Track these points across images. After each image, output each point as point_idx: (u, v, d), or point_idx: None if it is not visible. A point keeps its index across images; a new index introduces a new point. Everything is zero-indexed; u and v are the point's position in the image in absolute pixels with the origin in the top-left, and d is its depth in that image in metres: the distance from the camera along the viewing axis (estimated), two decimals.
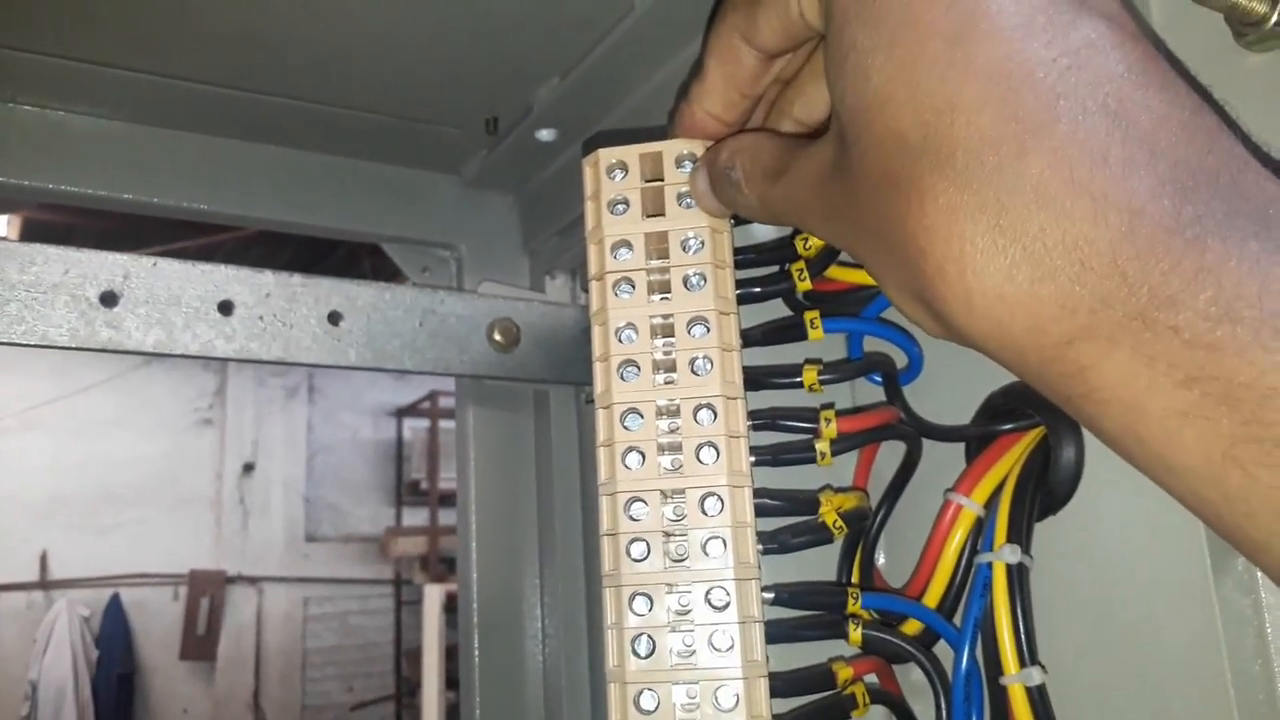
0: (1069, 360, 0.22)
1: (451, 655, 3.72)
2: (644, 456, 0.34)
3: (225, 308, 0.54)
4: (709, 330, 0.35)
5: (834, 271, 0.39)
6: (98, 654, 4.40)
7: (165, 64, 0.57)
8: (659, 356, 0.35)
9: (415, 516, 5.16)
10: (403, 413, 5.35)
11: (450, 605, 3.78)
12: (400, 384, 5.34)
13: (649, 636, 0.33)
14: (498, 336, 0.61)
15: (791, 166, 0.30)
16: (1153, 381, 0.21)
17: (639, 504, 0.34)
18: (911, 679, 0.41)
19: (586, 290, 0.68)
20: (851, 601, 0.36)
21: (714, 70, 0.33)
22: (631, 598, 0.33)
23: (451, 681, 3.79)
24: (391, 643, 5.06)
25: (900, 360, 0.41)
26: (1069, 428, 0.37)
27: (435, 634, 3.75)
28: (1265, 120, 0.32)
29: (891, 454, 0.42)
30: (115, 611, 4.52)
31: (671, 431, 0.35)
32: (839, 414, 0.37)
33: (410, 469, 5.22)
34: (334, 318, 0.57)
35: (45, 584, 4.46)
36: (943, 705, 0.36)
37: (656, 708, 0.32)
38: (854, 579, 0.39)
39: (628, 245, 0.36)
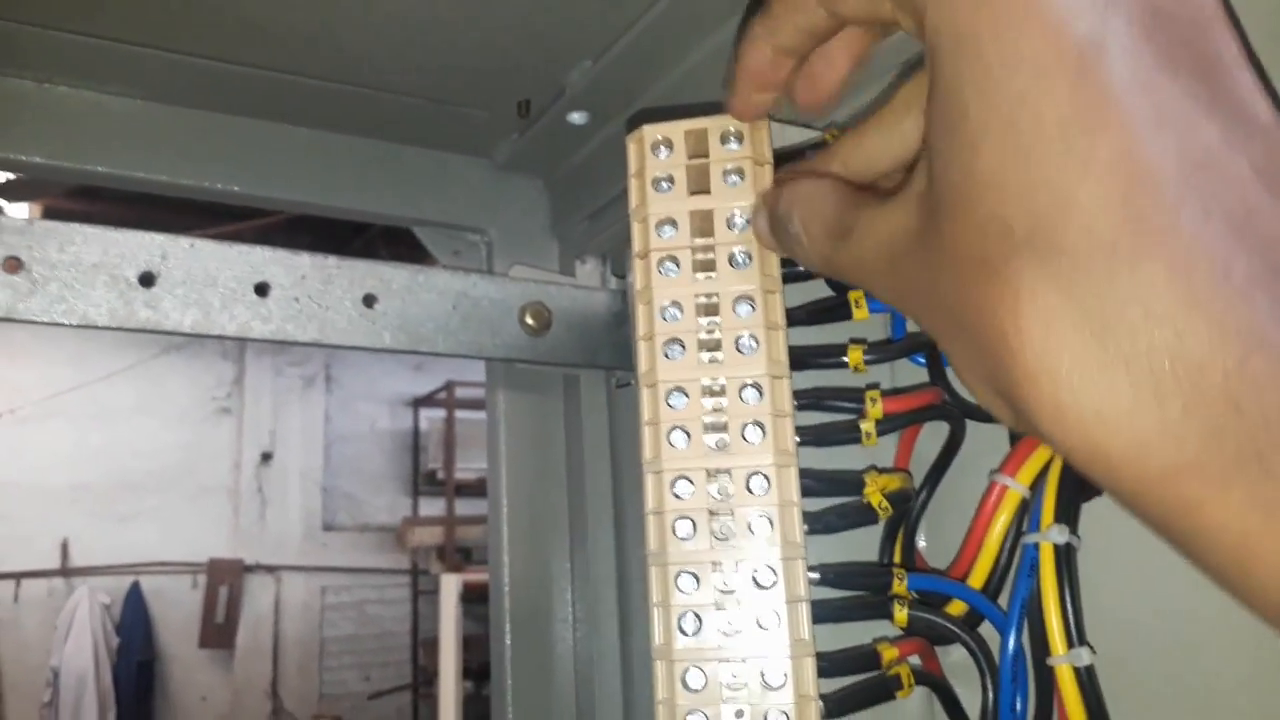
0: (1171, 493, 0.20)
1: (468, 645, 3.74)
2: (689, 435, 0.34)
3: (262, 289, 0.54)
4: (754, 308, 0.35)
5: None
6: (118, 641, 4.45)
7: (198, 44, 0.57)
8: (703, 335, 0.35)
9: (432, 506, 5.18)
10: (419, 403, 5.38)
11: (467, 595, 3.79)
12: (417, 374, 5.37)
13: (695, 614, 0.33)
14: (529, 320, 0.61)
15: (859, 227, 0.28)
16: (1270, 529, 0.19)
17: (684, 482, 0.34)
18: (950, 660, 0.41)
19: (617, 275, 0.68)
20: (897, 582, 0.36)
21: (780, 9, 0.31)
22: (677, 576, 0.33)
23: (468, 671, 3.80)
24: (408, 632, 5.10)
25: None
26: None
27: (452, 623, 3.77)
28: None
29: (932, 435, 0.42)
30: (135, 599, 4.57)
31: (716, 411, 0.34)
32: (883, 394, 0.37)
33: (427, 459, 5.24)
34: (369, 300, 0.57)
35: (66, 571, 4.50)
36: (989, 686, 0.36)
37: (704, 686, 0.32)
38: (895, 560, 0.39)
39: (672, 223, 0.36)
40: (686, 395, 0.35)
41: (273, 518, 5.00)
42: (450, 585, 3.83)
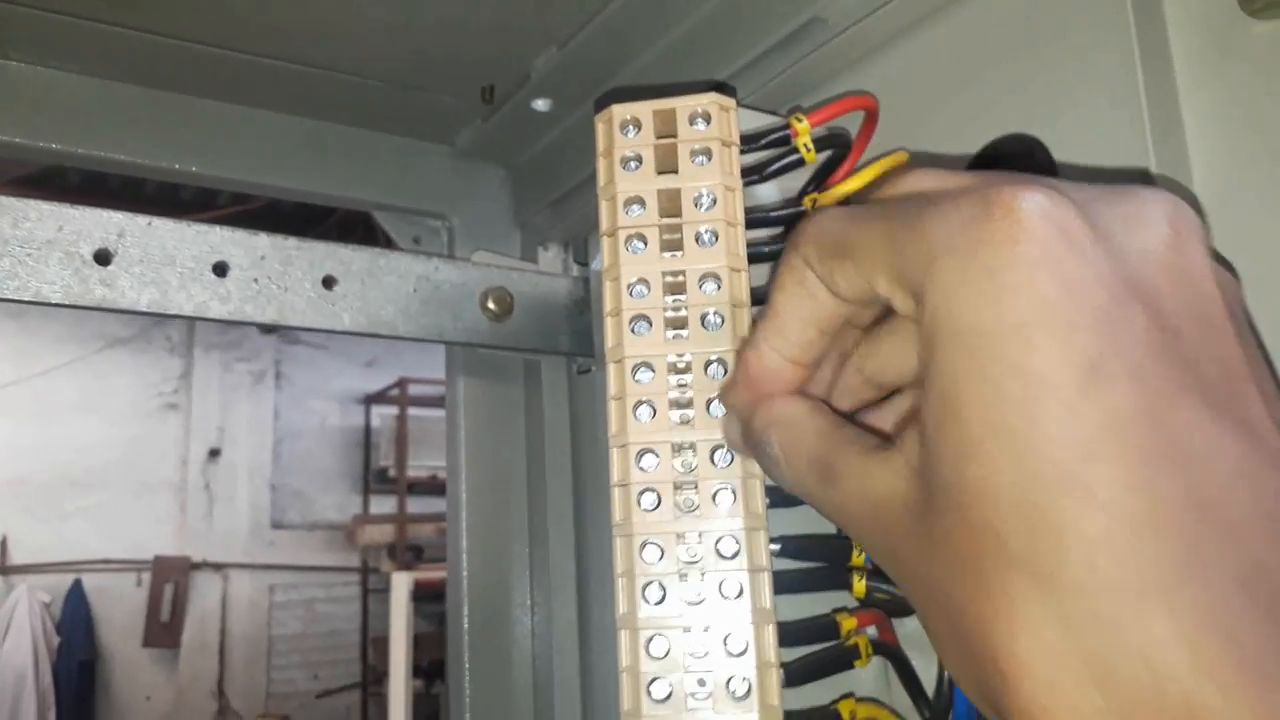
0: None
1: (419, 643, 3.71)
2: (654, 410, 0.35)
3: (220, 269, 0.54)
4: (720, 286, 0.35)
5: None
6: (59, 640, 4.35)
7: (156, 21, 0.56)
8: (670, 313, 0.36)
9: (383, 504, 5.14)
10: (371, 400, 5.32)
11: (418, 593, 3.77)
12: (369, 371, 5.32)
13: (659, 584, 0.33)
14: (491, 305, 0.61)
15: (844, 476, 0.26)
16: None
17: (649, 456, 0.34)
18: (906, 631, 0.42)
19: (579, 262, 0.69)
20: (855, 554, 0.37)
21: (785, 306, 0.29)
22: (642, 546, 0.34)
23: (418, 669, 3.78)
24: (358, 631, 5.04)
25: None
26: None
27: (403, 621, 3.74)
28: (1270, 88, 0.33)
29: None
30: (77, 598, 4.46)
31: (681, 387, 0.35)
32: None
33: (378, 456, 5.20)
34: (328, 282, 0.57)
35: (4, 569, 4.39)
36: None
37: (666, 654, 0.33)
38: None
39: (640, 202, 0.36)
40: (653, 370, 0.35)
41: (220, 515, 4.92)
42: (401, 583, 3.80)
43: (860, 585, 0.36)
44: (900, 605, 0.37)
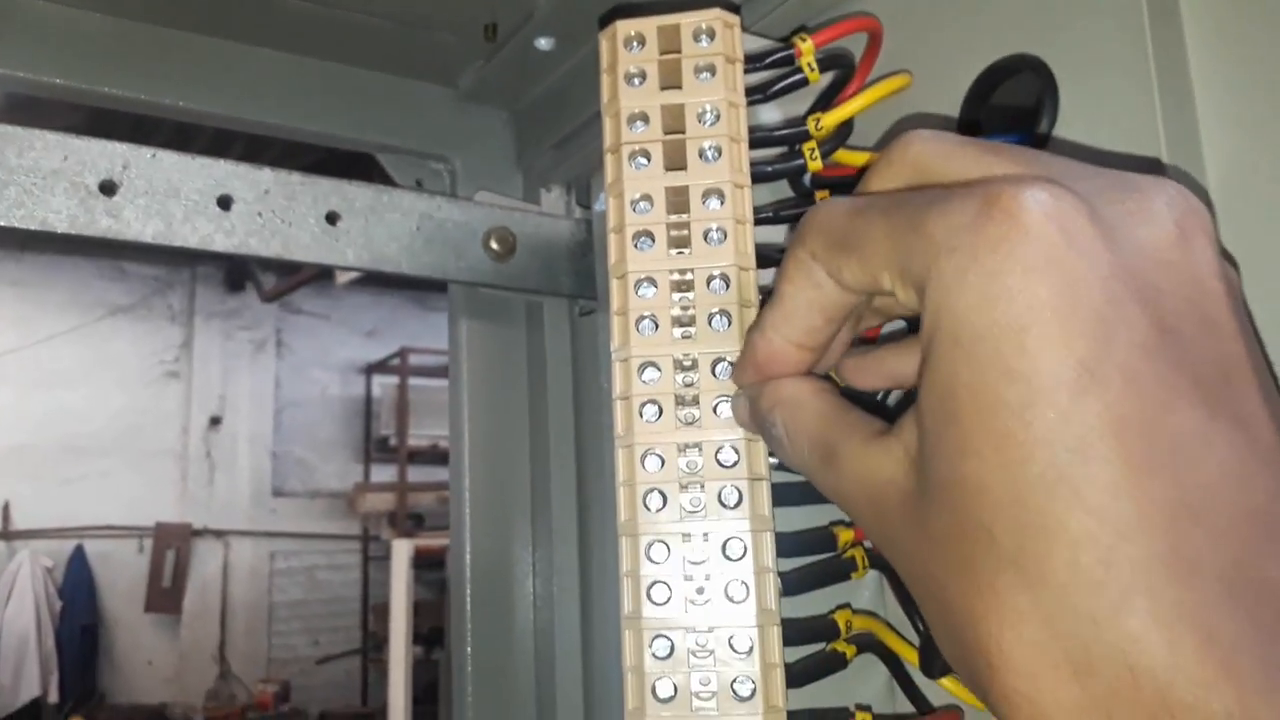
0: None
1: (418, 610, 3.74)
2: (657, 325, 0.35)
3: (224, 202, 0.54)
4: (723, 202, 0.35)
5: (842, 155, 0.40)
6: (61, 605, 4.38)
7: None
8: (673, 231, 0.36)
9: (383, 473, 5.16)
10: (372, 369, 5.33)
11: (419, 561, 3.79)
12: (370, 340, 5.32)
13: (660, 493, 0.34)
14: (494, 244, 0.62)
15: (843, 459, 0.27)
16: None
17: (651, 369, 0.35)
18: None
19: (582, 205, 0.69)
20: None
21: (792, 296, 0.29)
22: (644, 456, 0.34)
23: (418, 636, 3.80)
24: (358, 598, 5.08)
25: None
26: None
27: (403, 588, 3.75)
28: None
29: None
30: (79, 563, 4.50)
31: (684, 304, 0.35)
32: None
33: (379, 425, 5.21)
34: (332, 218, 0.57)
35: (7, 534, 4.42)
36: None
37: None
38: None
39: (643, 118, 0.36)
40: (655, 286, 0.35)
41: (221, 482, 4.95)
42: (402, 550, 3.82)
43: None
44: None
